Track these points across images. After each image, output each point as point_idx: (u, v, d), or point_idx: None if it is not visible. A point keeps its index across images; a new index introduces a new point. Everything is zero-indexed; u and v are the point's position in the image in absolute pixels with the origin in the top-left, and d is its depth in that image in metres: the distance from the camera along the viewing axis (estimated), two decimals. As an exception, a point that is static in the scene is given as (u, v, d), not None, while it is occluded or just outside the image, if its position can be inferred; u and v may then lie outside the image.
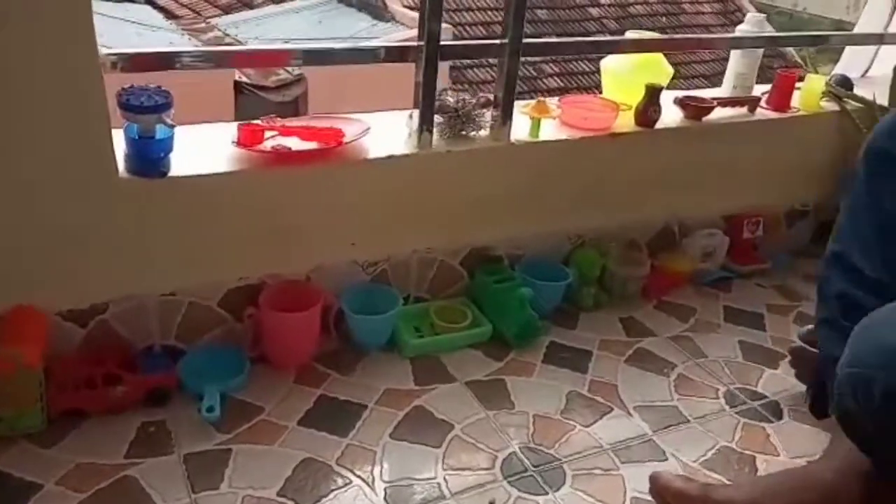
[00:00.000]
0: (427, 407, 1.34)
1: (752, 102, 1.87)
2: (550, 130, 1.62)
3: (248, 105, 6.14)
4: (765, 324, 1.73)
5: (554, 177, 1.62)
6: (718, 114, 1.82)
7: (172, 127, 1.19)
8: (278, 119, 1.42)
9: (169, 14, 7.97)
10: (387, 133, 1.48)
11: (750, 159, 1.89)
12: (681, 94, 1.80)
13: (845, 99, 2.01)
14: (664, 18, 9.55)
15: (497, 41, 1.46)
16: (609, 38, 2.32)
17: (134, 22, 7.45)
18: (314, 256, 1.42)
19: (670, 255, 1.87)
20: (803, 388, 1.48)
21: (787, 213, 2.06)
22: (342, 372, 1.41)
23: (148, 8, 7.99)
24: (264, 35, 7.37)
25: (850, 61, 2.36)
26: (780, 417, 1.40)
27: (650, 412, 1.39)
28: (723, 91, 1.95)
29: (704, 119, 1.79)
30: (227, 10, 8.26)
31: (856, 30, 2.32)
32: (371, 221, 1.46)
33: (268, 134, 1.36)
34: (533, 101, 1.59)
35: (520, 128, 1.57)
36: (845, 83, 2.06)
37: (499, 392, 1.40)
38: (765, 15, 1.87)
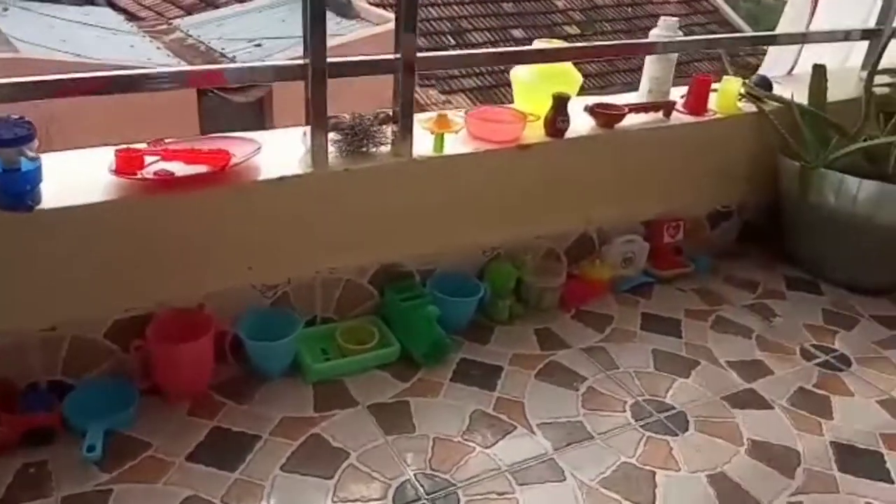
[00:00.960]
0: (324, 435, 1.29)
1: (667, 107, 1.84)
2: (457, 144, 1.58)
3: (211, 107, 6.06)
4: (681, 330, 1.70)
5: (461, 190, 1.59)
6: (632, 120, 1.79)
7: (35, 159, 1.13)
8: (163, 142, 1.36)
9: (131, 16, 7.83)
10: (283, 152, 1.43)
11: (668, 164, 1.87)
12: (592, 101, 1.76)
13: (764, 99, 2.00)
14: (630, 9, 9.54)
15: (390, 56, 1.41)
16: (513, 48, 2.27)
17: (94, 25, 7.30)
18: (206, 283, 1.37)
19: (589, 263, 1.84)
20: (713, 396, 1.46)
21: (709, 215, 2.04)
22: (239, 401, 1.36)
23: (109, 11, 7.85)
24: (227, 35, 7.27)
25: (776, 60, 2.35)
26: (685, 429, 1.38)
27: (554, 429, 1.35)
28: (639, 96, 1.92)
29: (617, 126, 1.75)
30: (189, 11, 8.14)
31: (778, 29, 2.31)
32: (267, 244, 1.41)
33: (149, 159, 1.31)
34: (434, 116, 1.54)
35: (424, 143, 1.53)
36: (764, 83, 2.04)
37: (401, 415, 1.36)
38: (677, 19, 1.84)
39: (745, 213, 2.10)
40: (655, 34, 1.85)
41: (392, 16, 6.16)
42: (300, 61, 1.34)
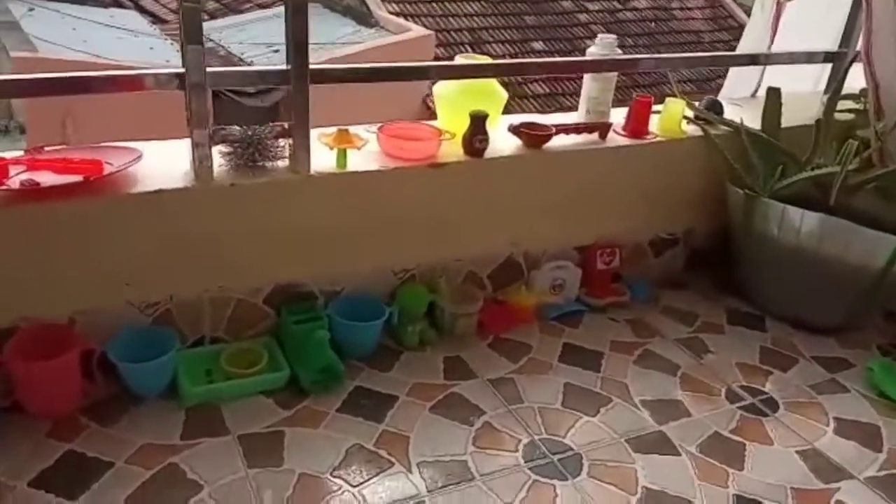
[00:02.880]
0: (182, 465, 1.20)
1: (602, 128, 1.73)
2: (364, 160, 1.49)
3: (225, 111, 6.05)
4: (601, 364, 1.59)
5: (368, 209, 1.49)
6: (563, 141, 1.69)
7: None
8: (42, 150, 1.29)
9: (156, 19, 7.91)
10: (169, 164, 1.35)
11: (603, 187, 1.76)
12: (517, 120, 1.66)
13: (714, 123, 1.88)
14: (653, 24, 9.38)
15: (281, 67, 1.33)
16: (428, 62, 2.18)
17: (117, 27, 7.37)
18: (77, 299, 1.29)
19: (515, 289, 1.73)
20: (617, 438, 1.35)
21: (652, 242, 1.92)
22: (105, 423, 1.28)
23: (135, 13, 7.96)
24: (248, 40, 7.31)
25: (737, 81, 2.23)
26: (577, 474, 1.26)
27: (434, 468, 1.25)
28: (577, 117, 1.81)
29: (545, 147, 1.65)
30: (213, 16, 8.22)
31: (738, 51, 2.19)
32: (146, 259, 1.33)
33: (15, 169, 1.23)
34: (333, 131, 1.45)
35: (328, 158, 1.44)
36: (715, 107, 1.92)
37: (272, 447, 1.26)
38: (615, 37, 1.73)
39: (692, 241, 1.98)
40: (592, 52, 1.75)
41: (412, 25, 6.05)
42: (177, 69, 1.26)
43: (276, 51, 7.04)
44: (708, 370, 1.60)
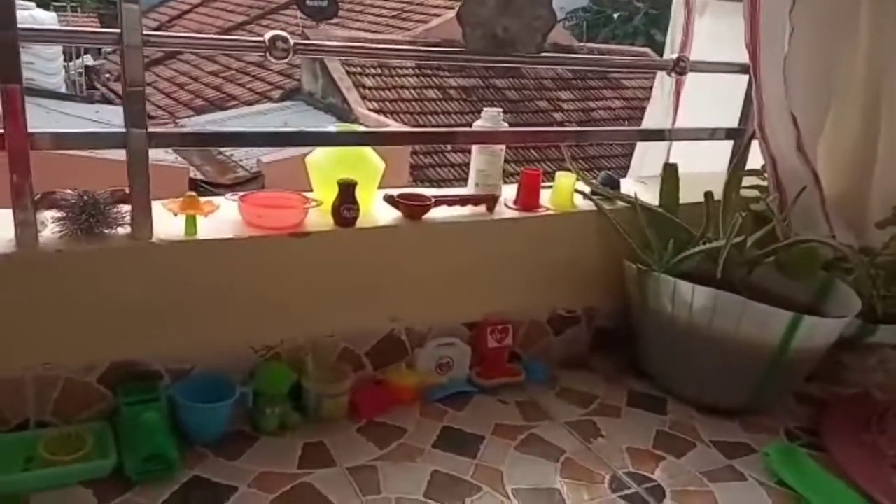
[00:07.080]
0: (-45, 569, 1.02)
1: (489, 200, 1.64)
2: (220, 229, 1.37)
3: None
4: (479, 449, 1.43)
5: (220, 280, 1.37)
6: (447, 212, 1.59)
7: None
8: None
9: None
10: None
11: (491, 261, 1.64)
12: (396, 191, 1.57)
13: (611, 198, 1.79)
14: (626, 123, 9.54)
15: (119, 129, 1.24)
16: (281, 129, 2.12)
17: (99, 122, 7.40)
18: None
19: (395, 368, 1.59)
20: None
21: (551, 320, 1.79)
22: None
23: (120, 109, 8.01)
24: None
25: (644, 159, 2.17)
26: (419, 578, 1.09)
27: (254, 572, 1.07)
28: (467, 190, 1.72)
29: (425, 218, 1.55)
30: (199, 112, 8.34)
31: (643, 125, 2.14)
32: (-45, 333, 1.18)
33: None
34: (180, 198, 1.35)
35: (176, 226, 1.33)
36: (610, 182, 1.85)
37: (72, 546, 1.08)
38: (499, 110, 1.67)
39: (595, 320, 1.85)
40: (479, 125, 1.68)
41: (391, 121, 6.12)
42: (-1, 130, 1.16)
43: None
44: (594, 456, 1.44)
